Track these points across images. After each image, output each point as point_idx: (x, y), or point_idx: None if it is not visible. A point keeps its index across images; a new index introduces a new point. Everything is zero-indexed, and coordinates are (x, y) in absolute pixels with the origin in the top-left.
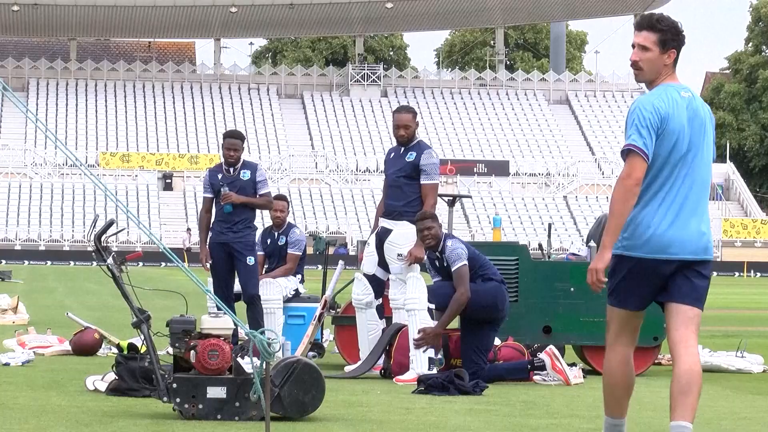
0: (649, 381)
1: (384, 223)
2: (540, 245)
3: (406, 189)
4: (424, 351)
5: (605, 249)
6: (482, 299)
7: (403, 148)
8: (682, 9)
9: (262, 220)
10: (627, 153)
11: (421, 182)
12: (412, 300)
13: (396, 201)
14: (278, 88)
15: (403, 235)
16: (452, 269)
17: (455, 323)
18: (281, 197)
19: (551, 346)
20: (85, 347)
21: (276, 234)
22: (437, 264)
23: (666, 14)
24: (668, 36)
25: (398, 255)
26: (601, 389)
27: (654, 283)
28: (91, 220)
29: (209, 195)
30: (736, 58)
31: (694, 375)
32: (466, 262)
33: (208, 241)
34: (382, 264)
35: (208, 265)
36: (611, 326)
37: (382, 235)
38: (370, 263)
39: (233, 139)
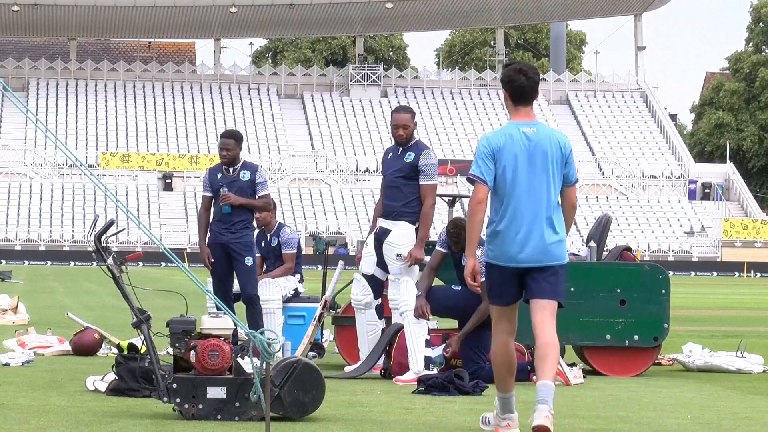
0: (649, 381)
1: (382, 223)
2: None
3: (404, 189)
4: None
5: (468, 257)
6: (476, 303)
7: (401, 149)
8: (682, 9)
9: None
10: (470, 181)
11: (420, 182)
12: (404, 302)
13: (394, 201)
14: (278, 89)
15: (402, 235)
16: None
17: (454, 323)
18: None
19: None
20: (85, 347)
21: (268, 236)
22: (457, 259)
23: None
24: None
25: (397, 255)
26: (598, 389)
27: (515, 284)
28: (91, 220)
29: (208, 194)
30: (736, 58)
31: (550, 345)
32: None
33: (207, 239)
34: (381, 264)
35: (210, 263)
36: (493, 318)
37: (380, 236)
38: (368, 264)
39: (226, 139)
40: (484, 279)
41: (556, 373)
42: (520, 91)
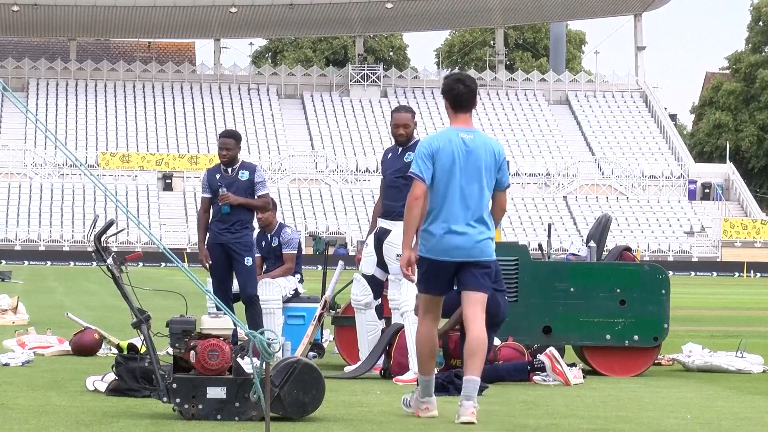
0: (649, 381)
1: (382, 223)
2: (540, 245)
3: (404, 189)
4: None
5: (404, 249)
6: None
7: (401, 149)
8: (682, 9)
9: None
10: (410, 178)
11: None
12: (405, 302)
13: (394, 201)
14: (278, 89)
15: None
16: None
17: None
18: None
19: (551, 348)
20: (85, 347)
21: (269, 236)
22: None
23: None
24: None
25: (397, 255)
26: (598, 389)
27: (444, 276)
28: (90, 220)
29: (207, 195)
30: (735, 58)
31: (480, 341)
32: None
33: (206, 241)
34: (381, 264)
35: (208, 265)
36: (421, 307)
37: (380, 236)
38: (368, 264)
39: (226, 139)
40: None
41: (482, 369)
42: (459, 99)
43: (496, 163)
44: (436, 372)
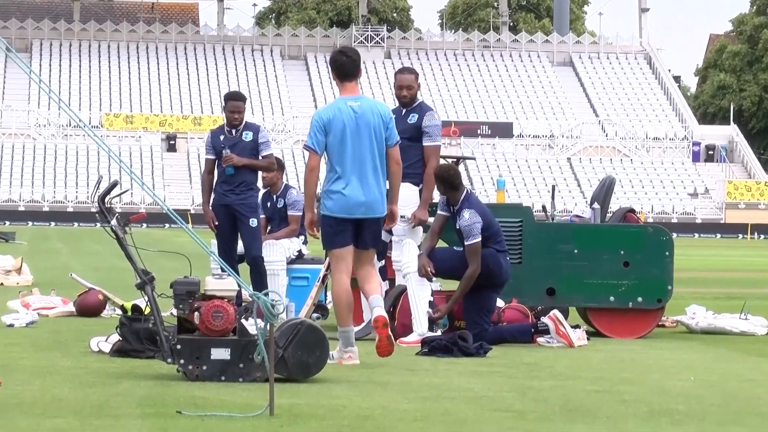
0: (653, 343)
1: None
2: (543, 207)
3: (408, 151)
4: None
5: (306, 211)
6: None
7: (404, 110)
8: None
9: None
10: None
11: (424, 144)
12: (407, 264)
13: None
14: (282, 50)
15: (406, 196)
16: (465, 243)
17: (457, 285)
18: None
19: (555, 311)
20: (89, 308)
21: (274, 197)
22: (452, 222)
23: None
24: None
25: (401, 217)
26: (602, 350)
27: (349, 232)
28: (94, 181)
29: (211, 156)
30: (740, 20)
31: (376, 298)
32: (479, 239)
33: (211, 202)
34: None
35: (214, 226)
36: (333, 262)
37: None
38: None
39: (237, 102)
40: (472, 242)
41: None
42: (344, 69)
43: (383, 123)
44: (440, 334)
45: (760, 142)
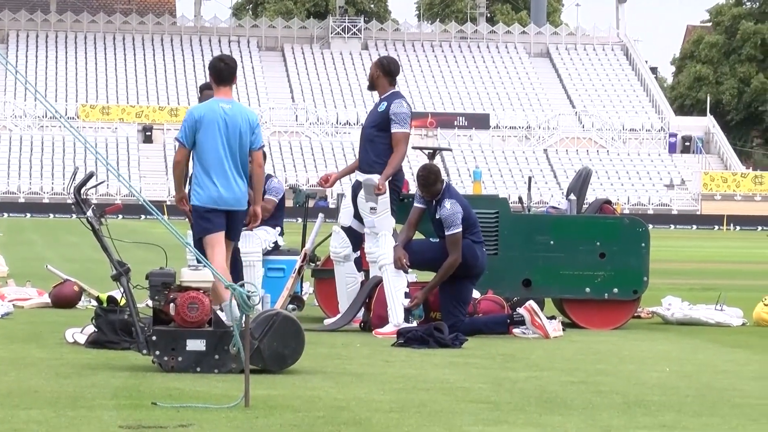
0: (628, 334)
1: (358, 176)
2: (520, 198)
3: (377, 141)
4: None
5: (177, 201)
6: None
7: (379, 101)
8: None
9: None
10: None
11: (392, 131)
12: (383, 256)
13: (367, 154)
14: (259, 41)
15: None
16: (446, 233)
17: (428, 276)
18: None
19: (531, 302)
20: (64, 300)
21: None
22: (430, 213)
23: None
24: None
25: (371, 209)
26: (577, 341)
27: (220, 220)
28: (70, 172)
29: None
30: (717, 11)
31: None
32: (460, 229)
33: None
34: (358, 216)
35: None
36: (210, 246)
37: (356, 189)
38: (346, 215)
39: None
40: (453, 231)
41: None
42: (221, 75)
43: (250, 128)
44: (416, 325)
45: (737, 134)
